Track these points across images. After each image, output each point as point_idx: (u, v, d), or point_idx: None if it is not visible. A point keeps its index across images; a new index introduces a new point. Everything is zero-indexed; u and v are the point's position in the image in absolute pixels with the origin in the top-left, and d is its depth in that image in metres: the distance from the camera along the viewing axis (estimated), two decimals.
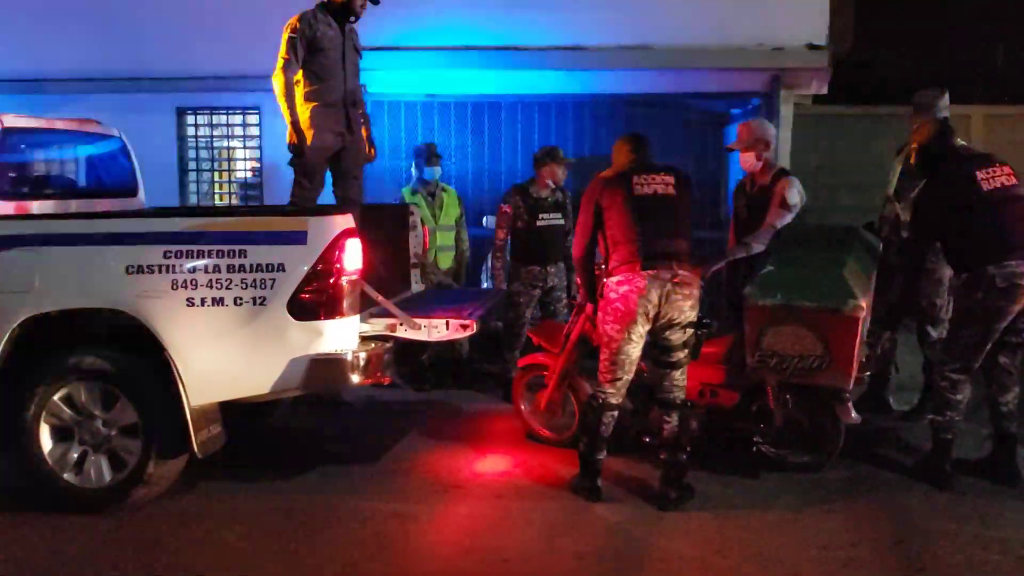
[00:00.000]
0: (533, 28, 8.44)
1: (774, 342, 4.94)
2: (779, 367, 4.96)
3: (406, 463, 5.47)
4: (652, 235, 4.64)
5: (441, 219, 7.32)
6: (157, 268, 4.43)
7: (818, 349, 4.87)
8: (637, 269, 4.60)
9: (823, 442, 5.22)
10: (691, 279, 4.70)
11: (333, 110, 5.84)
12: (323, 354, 4.38)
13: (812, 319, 4.84)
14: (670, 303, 4.63)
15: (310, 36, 5.68)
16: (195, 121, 9.34)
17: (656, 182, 4.74)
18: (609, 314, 4.71)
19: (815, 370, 4.90)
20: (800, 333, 4.88)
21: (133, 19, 8.92)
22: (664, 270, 4.61)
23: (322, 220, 4.47)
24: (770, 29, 8.13)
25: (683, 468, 4.85)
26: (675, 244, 4.68)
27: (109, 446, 4.65)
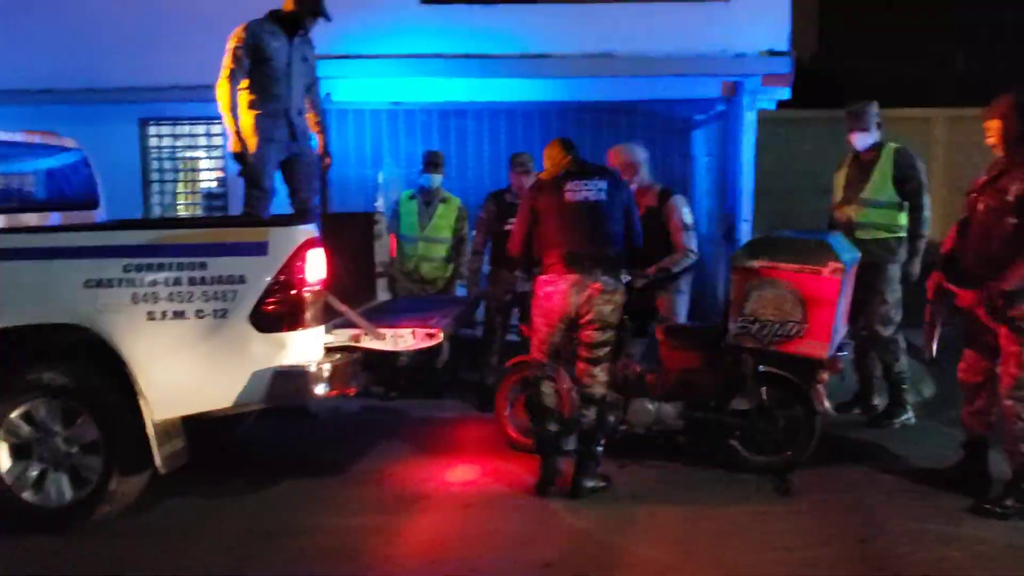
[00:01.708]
0: (499, 36, 8.45)
1: (757, 307, 5.12)
2: (759, 334, 5.12)
3: (374, 474, 5.43)
4: (578, 241, 4.94)
5: (429, 229, 7.24)
6: (117, 282, 4.37)
7: (797, 314, 5.04)
8: (562, 273, 4.93)
9: (798, 437, 5.29)
10: (613, 284, 4.94)
11: (277, 119, 5.79)
12: (286, 366, 4.34)
13: (793, 280, 5.04)
14: (590, 305, 4.92)
15: (254, 46, 5.63)
16: (158, 132, 9.25)
17: (588, 188, 5.01)
18: (537, 308, 5.06)
19: (793, 337, 5.06)
20: (782, 298, 5.07)
21: (95, 30, 8.82)
22: (587, 275, 4.90)
23: (284, 231, 4.43)
24: (732, 36, 8.20)
25: (598, 459, 5.09)
26: (600, 250, 4.95)
27: (70, 463, 4.57)
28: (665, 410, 5.49)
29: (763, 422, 5.32)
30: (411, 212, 7.18)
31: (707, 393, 5.45)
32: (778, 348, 5.14)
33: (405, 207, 7.27)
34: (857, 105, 6.28)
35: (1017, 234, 4.66)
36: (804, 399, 5.28)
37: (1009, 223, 4.69)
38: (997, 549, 4.31)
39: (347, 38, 8.28)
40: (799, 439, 5.31)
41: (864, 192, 6.14)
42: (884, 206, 6.10)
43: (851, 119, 6.27)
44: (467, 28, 8.50)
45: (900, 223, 6.11)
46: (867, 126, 6.19)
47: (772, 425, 5.33)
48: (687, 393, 5.49)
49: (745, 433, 5.36)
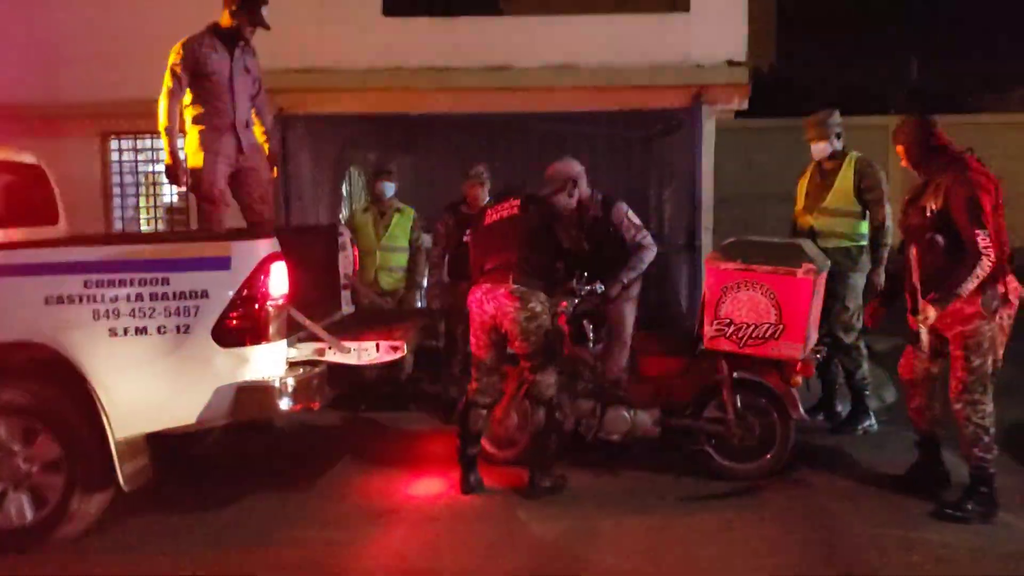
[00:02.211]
0: (461, 47, 8.49)
1: (731, 309, 5.20)
2: (735, 335, 5.20)
3: (339, 488, 5.42)
4: (489, 252, 5.19)
5: (385, 239, 7.25)
6: (77, 298, 4.33)
7: (772, 316, 5.13)
8: (478, 284, 5.14)
9: (773, 444, 5.36)
10: (523, 293, 4.99)
11: (223, 133, 5.77)
12: (250, 381, 4.33)
13: (768, 282, 5.13)
14: (504, 314, 5.02)
15: (193, 62, 5.62)
16: (119, 146, 9.17)
17: (503, 208, 5.29)
18: (470, 322, 5.24)
19: (768, 338, 5.16)
20: (756, 300, 5.16)
21: (55, 43, 8.76)
22: (496, 283, 5.03)
23: (246, 244, 4.43)
24: (691, 47, 8.33)
25: (552, 460, 5.19)
26: (509, 257, 5.07)
27: (30, 483, 4.51)
28: (641, 418, 5.53)
29: (739, 429, 5.37)
30: (366, 224, 7.18)
31: (682, 400, 5.49)
32: (753, 350, 5.22)
33: (360, 219, 7.28)
34: (817, 114, 6.36)
35: (949, 248, 4.78)
36: (779, 405, 5.34)
37: (937, 240, 4.82)
38: (959, 553, 4.39)
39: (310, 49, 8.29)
40: (775, 445, 5.38)
41: (826, 201, 6.23)
42: (845, 215, 6.19)
43: (811, 128, 6.35)
44: (430, 39, 8.54)
45: (861, 232, 6.20)
46: (827, 135, 6.26)
47: (748, 432, 5.38)
48: (663, 400, 5.54)
49: (720, 440, 5.40)
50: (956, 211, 4.77)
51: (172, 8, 8.69)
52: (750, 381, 5.38)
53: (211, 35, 5.75)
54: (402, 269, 7.33)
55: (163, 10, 8.70)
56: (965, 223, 4.72)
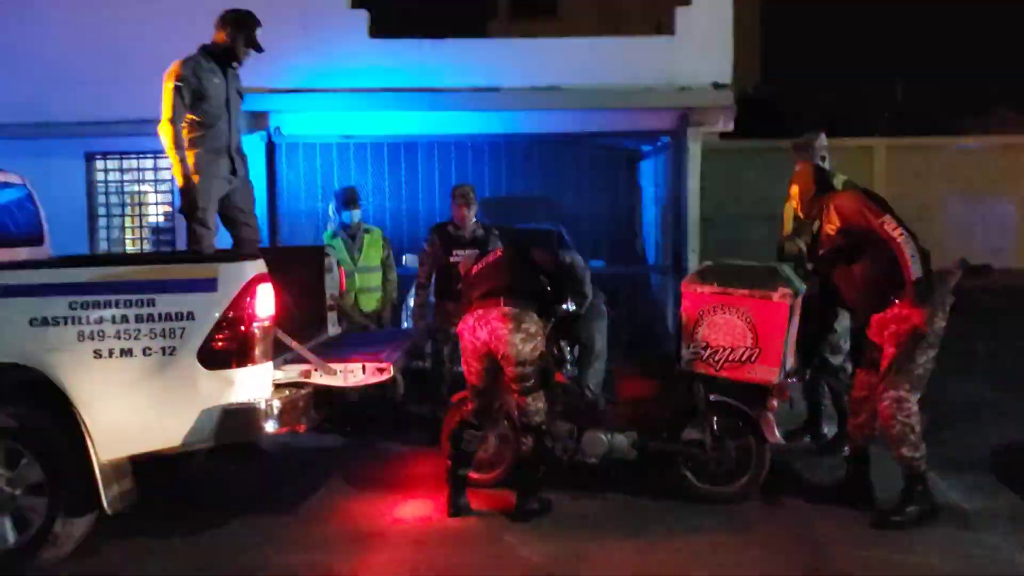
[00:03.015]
0: (447, 70, 8.54)
1: (708, 333, 5.23)
2: (711, 359, 5.22)
3: (324, 511, 5.39)
4: (478, 285, 5.21)
5: (361, 261, 7.29)
6: (63, 320, 4.31)
7: (748, 340, 5.15)
8: (470, 310, 5.14)
9: (750, 467, 5.36)
10: (520, 315, 5.00)
11: (219, 156, 5.70)
12: (235, 404, 4.31)
13: (744, 306, 5.15)
14: (498, 338, 4.99)
15: (195, 84, 5.51)
16: (105, 166, 9.16)
17: (488, 256, 5.41)
18: (462, 349, 5.25)
19: (744, 362, 5.17)
20: (732, 323, 5.18)
21: (40, 64, 8.76)
22: (489, 308, 5.04)
23: (233, 266, 4.41)
24: (677, 69, 8.39)
25: (539, 483, 5.19)
26: (501, 283, 5.12)
27: (13, 506, 4.47)
28: (618, 440, 5.54)
29: (715, 452, 5.37)
30: (340, 248, 7.18)
31: (660, 423, 5.50)
32: (729, 374, 5.23)
33: (332, 244, 7.29)
34: (803, 137, 6.40)
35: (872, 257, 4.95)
36: (755, 429, 5.34)
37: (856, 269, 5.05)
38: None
39: (297, 72, 8.32)
40: (751, 469, 5.38)
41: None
42: None
43: (797, 150, 6.38)
44: (416, 62, 8.59)
45: None
46: (813, 157, 6.30)
47: (724, 455, 5.38)
48: (640, 423, 5.54)
49: (697, 463, 5.40)
50: (852, 216, 4.98)
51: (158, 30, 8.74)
52: (726, 404, 5.38)
53: (206, 57, 5.68)
54: (379, 288, 7.37)
55: (149, 32, 8.75)
56: (867, 221, 4.92)
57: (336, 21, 8.61)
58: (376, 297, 7.38)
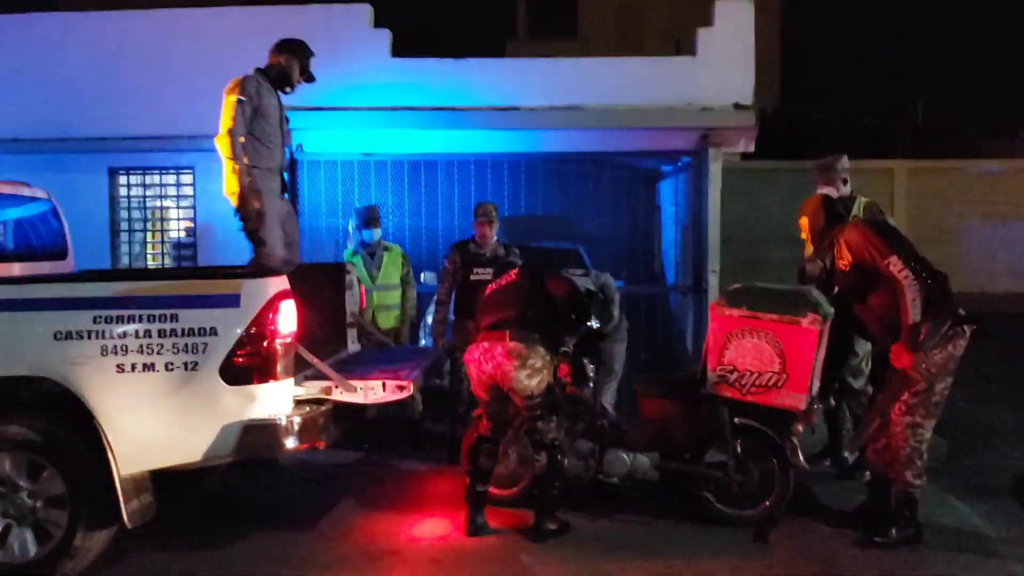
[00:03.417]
0: (468, 89, 8.59)
1: (735, 356, 5.20)
2: (737, 383, 5.19)
3: (342, 529, 5.39)
4: (487, 313, 5.26)
5: (379, 278, 7.31)
6: (86, 334, 4.35)
7: (775, 364, 5.11)
8: (477, 341, 5.20)
9: (772, 491, 5.33)
10: (526, 351, 5.00)
11: (273, 175, 5.73)
12: (256, 419, 4.32)
13: (772, 330, 5.12)
14: (503, 374, 5.04)
15: (256, 101, 5.50)
16: (127, 181, 9.25)
17: (503, 279, 5.44)
18: (470, 379, 5.32)
19: (771, 387, 5.13)
20: (760, 347, 5.15)
21: (64, 80, 8.86)
22: (494, 342, 5.08)
23: (256, 283, 4.44)
24: (698, 89, 8.39)
25: (556, 502, 5.18)
26: (506, 314, 5.13)
27: (35, 518, 4.50)
28: (640, 461, 5.51)
29: (738, 475, 5.34)
30: (359, 266, 7.20)
31: (682, 444, 5.47)
32: (756, 398, 5.20)
33: (352, 262, 7.31)
34: (825, 159, 6.39)
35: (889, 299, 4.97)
36: (779, 452, 5.31)
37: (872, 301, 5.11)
38: None
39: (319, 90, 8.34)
40: (774, 493, 5.34)
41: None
42: None
43: (819, 173, 6.37)
44: (438, 81, 8.63)
45: None
46: (834, 180, 6.29)
47: (747, 478, 5.35)
48: (662, 444, 5.52)
49: (719, 486, 5.37)
50: (860, 253, 5.02)
51: (179, 48, 8.84)
52: (751, 428, 5.36)
53: (263, 77, 5.69)
54: (398, 306, 7.38)
55: (171, 49, 8.85)
56: (872, 259, 4.96)
57: (359, 40, 8.67)
58: (394, 315, 7.38)
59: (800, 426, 5.27)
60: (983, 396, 8.60)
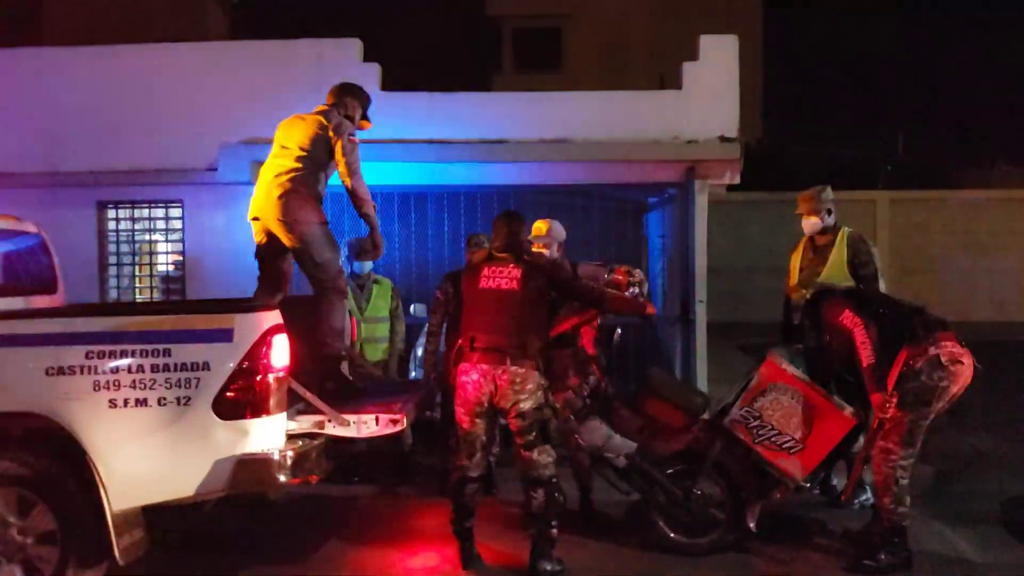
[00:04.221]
0: (457, 122, 8.66)
1: (767, 407, 5.28)
2: (756, 431, 5.27)
3: (335, 562, 5.37)
4: (487, 330, 5.04)
5: (368, 311, 7.32)
6: (78, 369, 4.34)
7: (799, 433, 5.21)
8: (472, 361, 5.03)
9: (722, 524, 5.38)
10: (522, 375, 4.96)
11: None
12: (249, 454, 4.31)
13: (815, 403, 5.22)
14: (501, 395, 4.98)
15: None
16: (116, 215, 9.24)
17: (502, 276, 5.14)
18: (457, 399, 5.14)
19: (783, 450, 5.21)
20: (794, 411, 5.24)
21: (54, 114, 8.88)
22: (494, 365, 4.96)
23: (249, 317, 4.44)
24: (684, 123, 8.49)
25: (553, 541, 5.05)
26: (508, 340, 4.99)
27: (24, 555, 4.46)
28: (616, 442, 5.45)
29: (696, 504, 5.38)
30: (348, 298, 7.22)
31: (662, 452, 5.48)
32: (764, 452, 5.27)
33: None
34: (810, 190, 6.48)
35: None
36: (737, 500, 5.38)
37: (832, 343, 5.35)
38: None
39: None
40: (722, 527, 5.39)
41: (821, 276, 6.28)
42: None
43: (803, 203, 6.45)
44: (427, 114, 8.70)
45: None
46: (818, 210, 6.38)
47: (702, 511, 5.39)
48: (646, 441, 5.51)
49: (672, 506, 5.40)
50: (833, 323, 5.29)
51: (168, 82, 8.89)
52: (729, 467, 5.41)
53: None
54: (386, 339, 7.38)
55: (160, 84, 8.89)
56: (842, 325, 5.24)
57: (350, 74, 8.66)
58: (382, 348, 7.38)
59: (778, 495, 5.36)
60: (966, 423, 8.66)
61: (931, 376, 5.04)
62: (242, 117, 8.62)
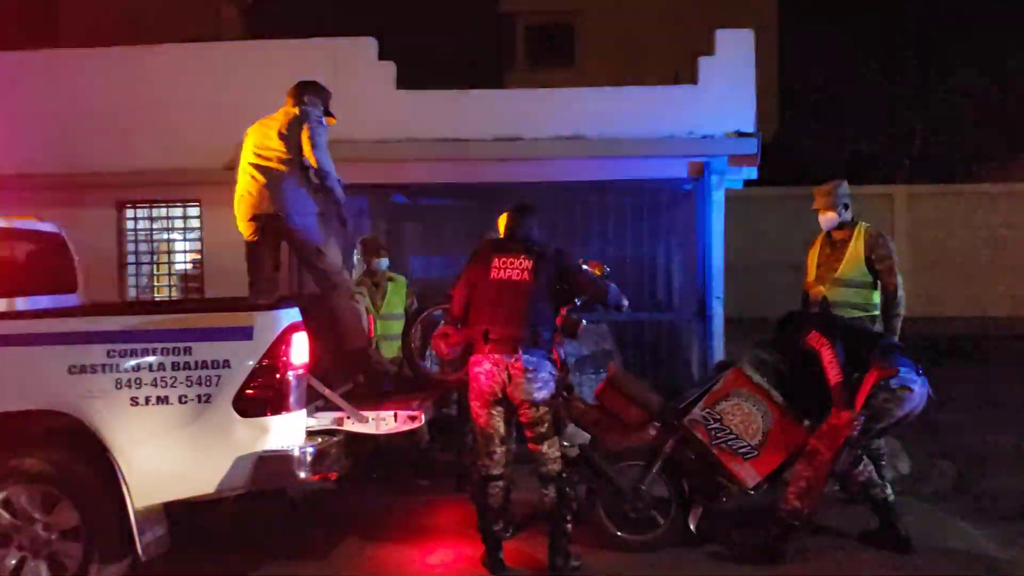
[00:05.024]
0: (472, 119, 8.67)
1: (728, 410, 5.32)
2: (714, 432, 5.31)
3: (353, 559, 5.41)
4: (499, 321, 5.00)
5: (383, 308, 7.36)
6: (100, 367, 4.39)
7: (755, 439, 5.26)
8: (484, 352, 4.99)
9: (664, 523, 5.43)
10: (535, 363, 4.95)
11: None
12: (269, 451, 4.36)
13: (774, 413, 5.29)
14: (514, 386, 4.95)
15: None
16: (135, 215, 9.31)
17: (512, 267, 5.10)
18: (471, 392, 5.08)
19: (738, 455, 5.27)
20: (753, 417, 5.29)
21: (73, 114, 8.95)
22: (506, 355, 4.94)
23: (268, 315, 4.48)
24: (700, 118, 8.47)
25: (568, 536, 5.04)
26: (520, 330, 4.97)
27: (49, 551, 4.51)
28: (572, 430, 5.56)
29: (640, 501, 5.40)
30: (364, 295, 7.26)
31: (614, 445, 5.52)
32: (719, 455, 5.31)
33: (357, 291, 7.35)
34: (826, 185, 6.45)
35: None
36: (682, 502, 5.42)
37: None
38: None
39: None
40: (665, 524, 5.43)
41: (838, 271, 6.27)
42: (858, 285, 6.23)
43: (820, 198, 6.43)
44: (442, 112, 8.72)
45: (874, 302, 6.24)
46: (835, 206, 6.34)
47: (646, 508, 5.42)
48: (601, 434, 5.56)
49: (617, 500, 5.42)
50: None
51: (186, 82, 8.94)
52: (679, 466, 5.44)
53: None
54: (399, 336, 7.40)
55: (178, 84, 8.94)
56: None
57: (365, 73, 8.76)
58: (397, 345, 7.38)
59: (724, 499, 5.40)
60: (989, 420, 8.64)
61: (878, 397, 5.14)
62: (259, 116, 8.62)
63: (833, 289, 6.27)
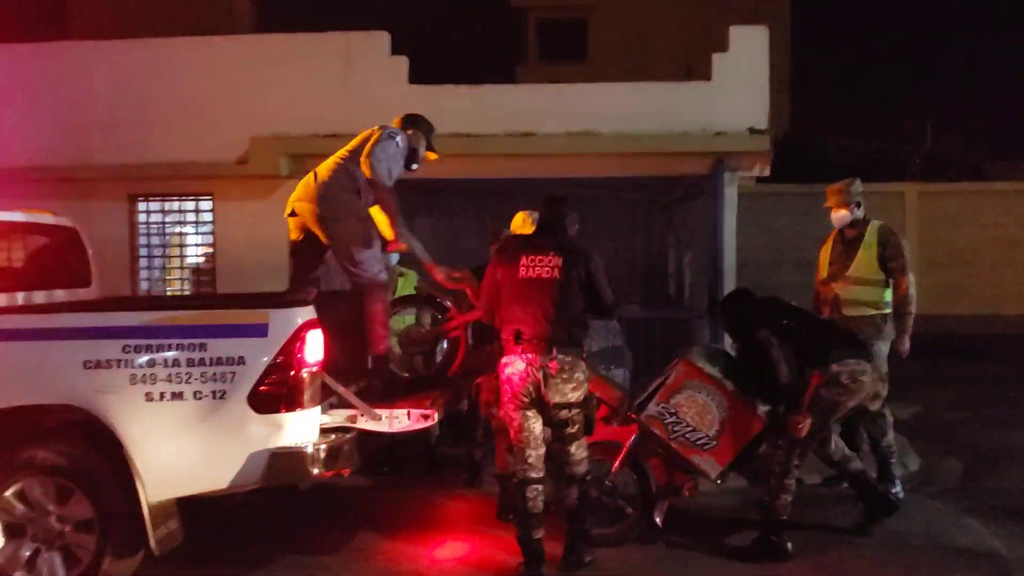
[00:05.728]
0: (485, 115, 8.67)
1: (683, 403, 5.34)
2: (671, 427, 5.33)
3: (365, 551, 5.43)
4: (531, 320, 4.88)
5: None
6: (115, 363, 4.40)
7: (713, 430, 5.29)
8: (517, 352, 4.88)
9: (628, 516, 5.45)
10: (569, 363, 4.88)
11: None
12: (283, 447, 4.37)
13: (728, 403, 5.32)
14: (549, 386, 4.85)
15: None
16: (147, 208, 9.33)
17: (542, 264, 4.96)
18: (504, 394, 4.98)
19: (697, 446, 5.30)
20: (708, 408, 5.32)
21: (85, 107, 8.97)
22: (541, 355, 4.84)
23: (283, 312, 4.50)
24: (713, 114, 8.45)
25: (586, 536, 5.06)
26: (553, 330, 4.87)
27: (63, 542, 4.54)
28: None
29: (605, 495, 5.41)
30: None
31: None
32: (678, 448, 5.33)
33: None
34: (839, 183, 6.43)
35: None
36: (648, 497, 5.43)
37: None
38: None
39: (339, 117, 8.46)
40: (629, 519, 5.46)
41: (850, 269, 6.27)
42: (870, 283, 6.23)
43: (832, 196, 6.41)
44: (453, 107, 8.70)
45: (886, 300, 6.23)
46: (848, 203, 6.33)
47: (611, 501, 5.44)
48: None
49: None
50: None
51: (199, 75, 8.95)
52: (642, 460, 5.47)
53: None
54: None
55: (191, 77, 8.95)
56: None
57: (377, 68, 8.76)
58: None
59: (687, 493, 5.47)
60: (997, 417, 8.62)
61: (830, 391, 5.19)
62: (272, 110, 8.69)
63: (845, 287, 6.27)
